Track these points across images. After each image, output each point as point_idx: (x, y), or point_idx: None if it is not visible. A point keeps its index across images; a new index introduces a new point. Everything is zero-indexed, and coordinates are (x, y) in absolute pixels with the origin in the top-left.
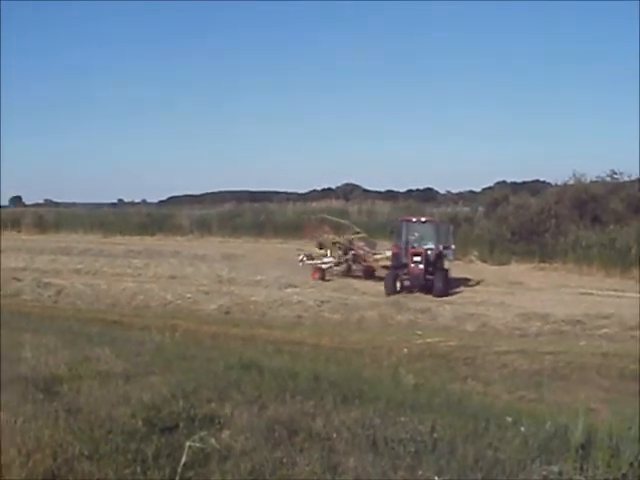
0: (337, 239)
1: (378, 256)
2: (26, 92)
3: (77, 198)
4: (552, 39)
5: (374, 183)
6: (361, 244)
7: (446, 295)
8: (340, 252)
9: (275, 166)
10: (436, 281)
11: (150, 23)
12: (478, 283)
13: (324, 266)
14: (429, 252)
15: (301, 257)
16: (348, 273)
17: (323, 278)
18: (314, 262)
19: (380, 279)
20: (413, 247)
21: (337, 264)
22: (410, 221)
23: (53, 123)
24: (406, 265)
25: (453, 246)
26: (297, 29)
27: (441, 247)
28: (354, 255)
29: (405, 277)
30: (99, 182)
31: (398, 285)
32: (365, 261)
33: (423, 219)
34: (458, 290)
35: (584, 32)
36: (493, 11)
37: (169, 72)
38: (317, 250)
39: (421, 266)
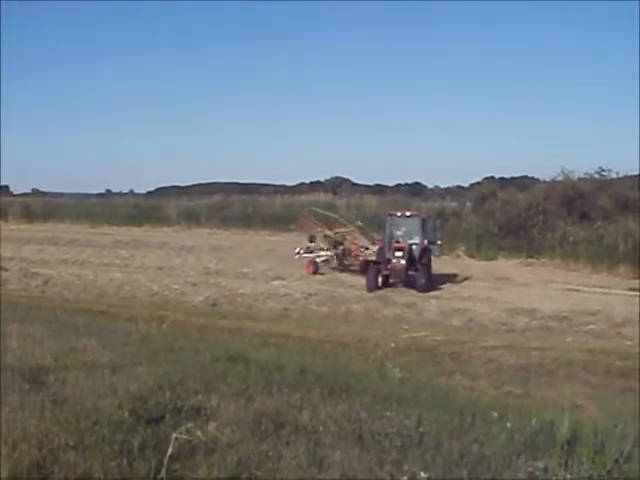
0: (328, 232)
1: (369, 251)
2: (13, 84)
3: (65, 188)
4: (540, 36)
5: (363, 177)
6: (356, 238)
7: (430, 290)
8: (329, 246)
9: (264, 158)
10: (419, 277)
11: (144, 20)
12: (465, 278)
13: (318, 260)
14: (414, 247)
15: (297, 250)
16: (341, 267)
17: (316, 272)
18: (310, 256)
19: None
20: (397, 242)
21: (332, 258)
22: (396, 215)
23: (41, 114)
24: (389, 260)
25: (440, 242)
26: (284, 25)
27: (426, 242)
28: (343, 249)
29: (387, 272)
30: (87, 172)
31: (380, 280)
32: (356, 255)
33: (408, 213)
34: (445, 285)
35: (572, 29)
36: (482, 7)
37: (159, 65)
38: (311, 244)
39: (403, 261)
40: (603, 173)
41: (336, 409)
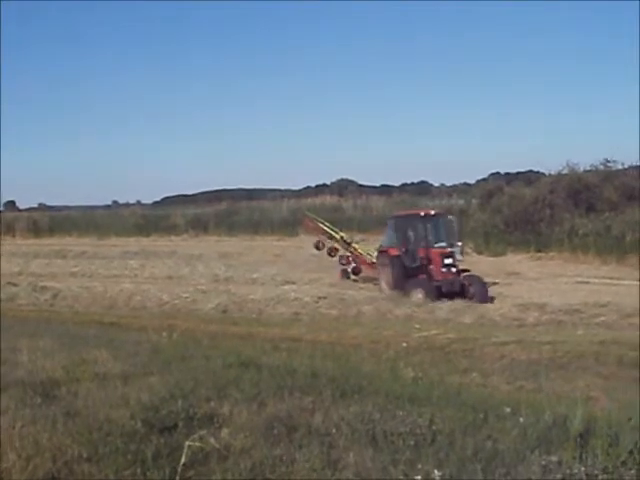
0: (332, 242)
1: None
2: (18, 96)
3: (71, 201)
4: (542, 32)
5: (369, 178)
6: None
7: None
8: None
9: (269, 163)
10: (475, 285)
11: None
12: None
13: (349, 269)
14: (455, 251)
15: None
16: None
17: (349, 277)
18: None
19: None
20: (432, 247)
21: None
22: (417, 215)
23: (46, 127)
24: (422, 268)
25: (460, 242)
26: (288, 29)
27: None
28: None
29: (435, 283)
30: (93, 184)
31: (420, 295)
32: (366, 263)
33: (433, 212)
34: None
35: (574, 22)
36: (485, 7)
37: (162, 74)
38: (317, 250)
39: (454, 269)
40: (608, 164)
41: (348, 411)
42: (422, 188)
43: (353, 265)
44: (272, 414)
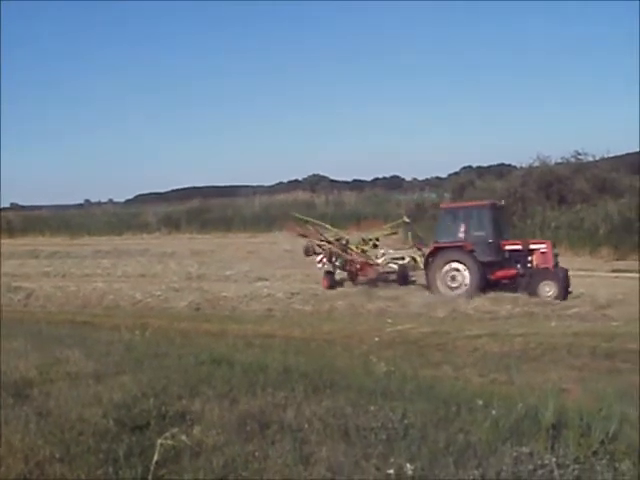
0: (323, 243)
1: (381, 259)
2: None
3: (43, 201)
4: (511, 24)
5: (341, 173)
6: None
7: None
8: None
9: (241, 160)
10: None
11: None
12: None
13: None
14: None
15: (320, 258)
16: (355, 279)
17: (334, 286)
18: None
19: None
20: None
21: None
22: (481, 206)
23: (17, 127)
24: (504, 262)
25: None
26: (258, 25)
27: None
28: (345, 262)
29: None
30: (65, 184)
31: (554, 289)
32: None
33: (492, 203)
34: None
35: (537, 14)
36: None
37: (133, 72)
38: (307, 257)
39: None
40: (579, 157)
41: (321, 406)
42: (394, 182)
43: (347, 270)
44: (244, 411)
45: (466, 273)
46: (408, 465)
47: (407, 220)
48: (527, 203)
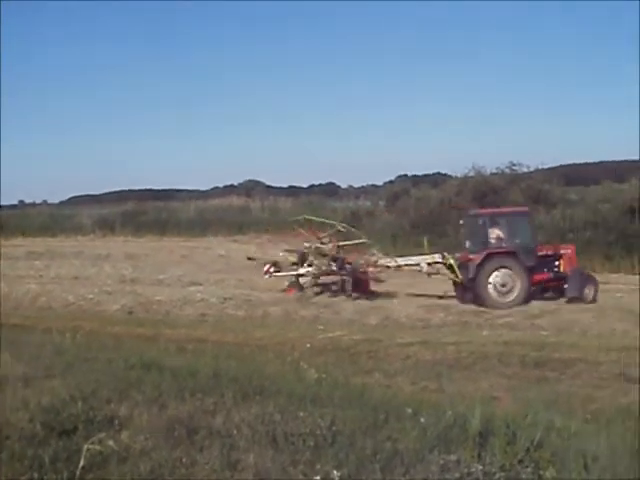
0: (322, 247)
1: (393, 263)
2: None
3: None
4: (445, 35)
5: (276, 179)
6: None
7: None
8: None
9: (177, 164)
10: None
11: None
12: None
13: (302, 280)
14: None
15: (267, 267)
16: (346, 290)
17: (302, 294)
18: (285, 274)
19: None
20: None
21: (319, 275)
22: (512, 213)
23: None
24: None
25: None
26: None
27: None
28: (354, 269)
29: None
30: None
31: (593, 292)
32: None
33: (522, 210)
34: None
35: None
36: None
37: (71, 71)
38: (292, 258)
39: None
40: (514, 167)
41: (250, 412)
42: (330, 189)
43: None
44: (173, 416)
45: (516, 278)
46: (335, 472)
47: (342, 228)
48: (461, 212)
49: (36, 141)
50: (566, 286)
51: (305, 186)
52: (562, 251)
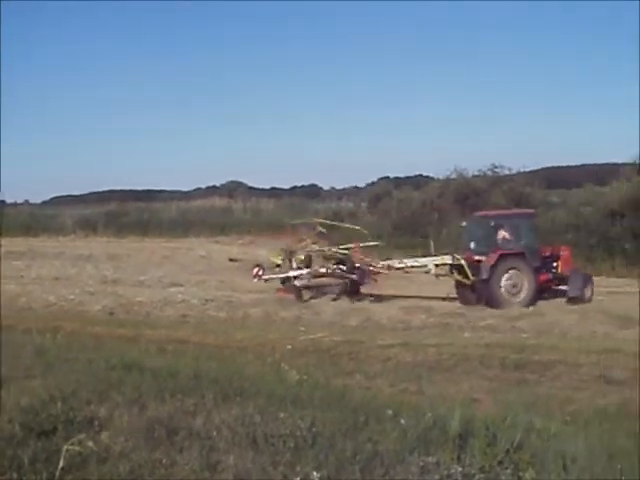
0: (323, 249)
1: (400, 264)
2: None
3: None
4: (426, 36)
5: (259, 180)
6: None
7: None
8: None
9: (159, 164)
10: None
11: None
12: None
13: (298, 283)
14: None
15: (256, 271)
16: (357, 296)
17: (300, 298)
18: (276, 277)
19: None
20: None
21: (315, 277)
22: (517, 215)
23: None
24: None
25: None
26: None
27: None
28: (362, 271)
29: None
30: None
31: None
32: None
33: (525, 212)
34: None
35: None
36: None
37: (53, 70)
38: (276, 259)
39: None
40: (496, 170)
41: (230, 413)
42: (312, 191)
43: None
44: (153, 417)
45: (524, 279)
46: (315, 473)
47: (322, 230)
48: (443, 214)
49: (18, 141)
50: (566, 286)
51: (287, 187)
52: (560, 252)
